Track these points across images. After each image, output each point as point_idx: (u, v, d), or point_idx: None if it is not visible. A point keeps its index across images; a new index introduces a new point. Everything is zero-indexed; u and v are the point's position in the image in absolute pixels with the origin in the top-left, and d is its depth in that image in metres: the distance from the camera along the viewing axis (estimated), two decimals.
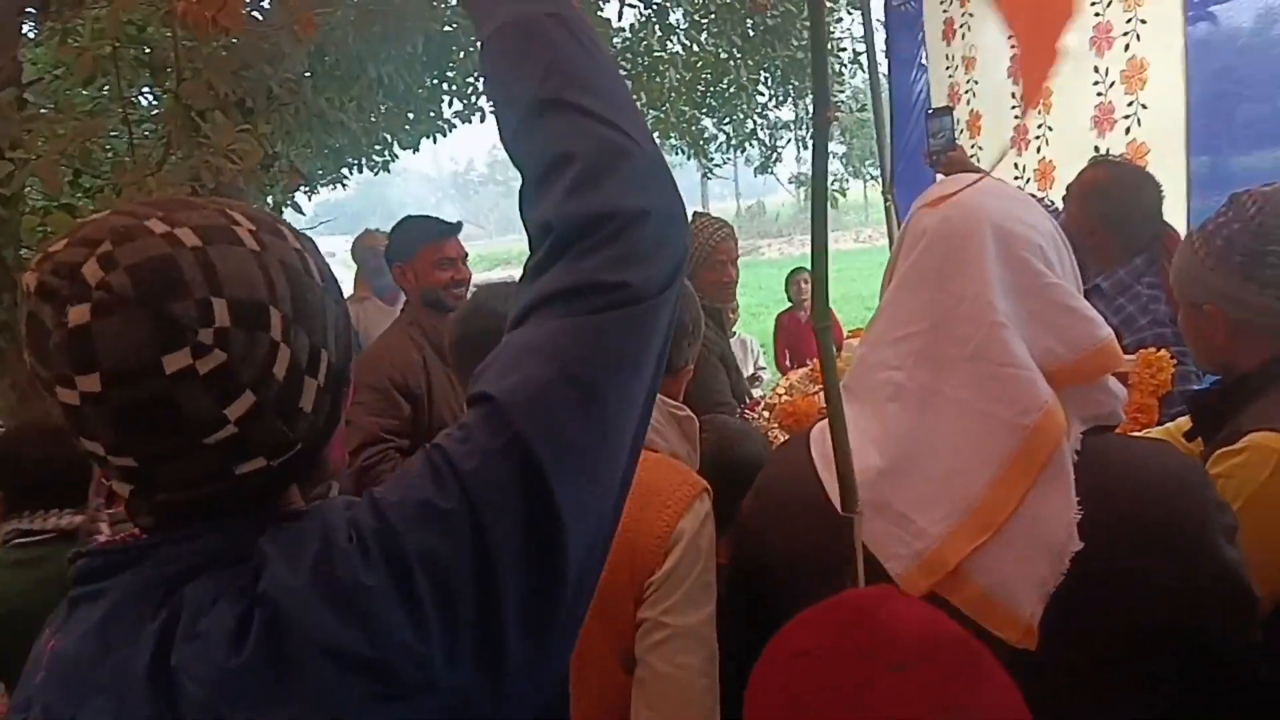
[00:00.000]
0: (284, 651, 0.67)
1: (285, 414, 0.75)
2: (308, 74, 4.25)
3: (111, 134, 4.21)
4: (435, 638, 0.69)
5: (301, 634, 0.67)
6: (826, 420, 1.18)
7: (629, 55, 7.55)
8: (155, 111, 4.16)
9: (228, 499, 0.75)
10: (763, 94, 8.46)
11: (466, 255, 2.98)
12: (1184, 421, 1.60)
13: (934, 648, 0.71)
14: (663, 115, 8.15)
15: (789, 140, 9.69)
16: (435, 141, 8.47)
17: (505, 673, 0.71)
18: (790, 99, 8.54)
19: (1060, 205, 2.85)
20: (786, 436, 2.23)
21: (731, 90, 8.33)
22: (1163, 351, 2.16)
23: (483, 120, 8.47)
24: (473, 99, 7.67)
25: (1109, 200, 2.54)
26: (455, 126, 8.45)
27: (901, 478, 1.08)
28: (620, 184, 0.76)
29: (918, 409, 1.08)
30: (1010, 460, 1.02)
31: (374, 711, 0.68)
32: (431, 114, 7.93)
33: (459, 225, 2.98)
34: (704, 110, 8.66)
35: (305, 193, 8.23)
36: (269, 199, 4.21)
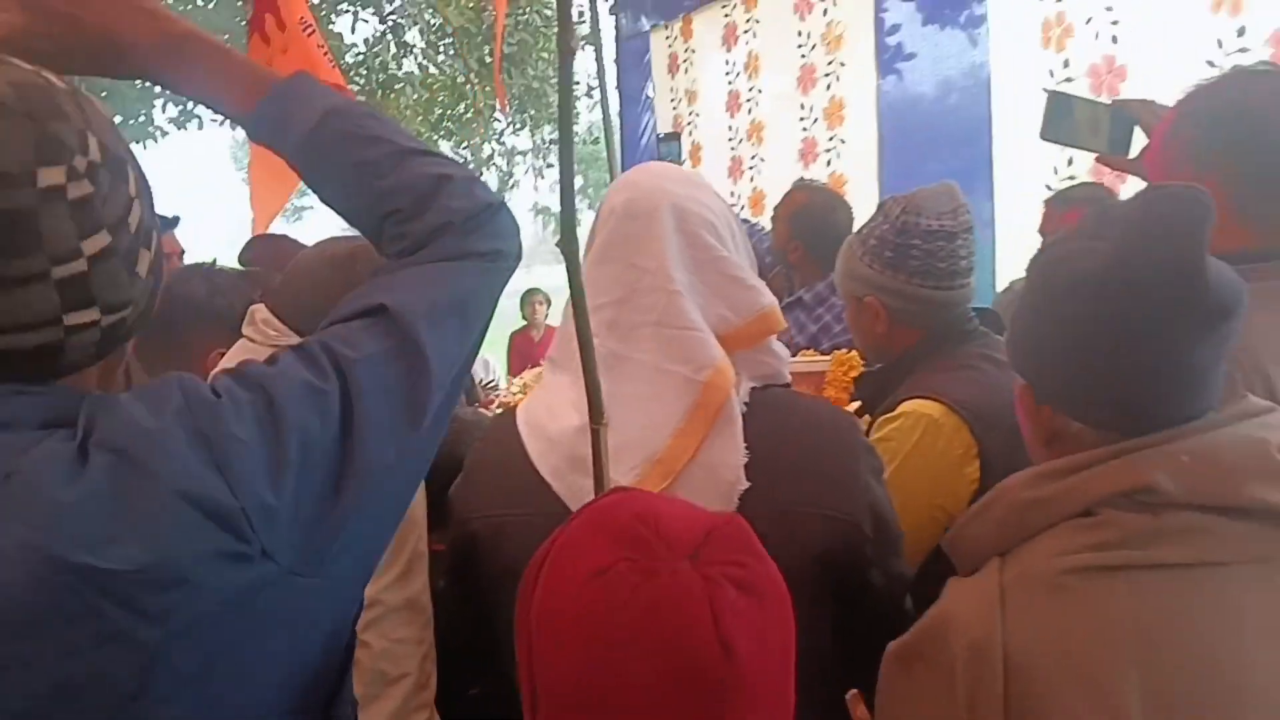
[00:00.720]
0: (131, 490, 0.67)
1: (129, 269, 0.75)
2: None
3: None
4: (288, 502, 0.72)
5: (155, 475, 0.68)
6: (531, 394, 1.27)
7: (363, 72, 7.37)
8: None
9: (45, 358, 0.73)
10: (500, 120, 8.53)
11: (183, 253, 2.88)
12: (856, 406, 1.78)
13: (713, 532, 0.74)
14: None
15: (526, 169, 9.82)
16: (146, 148, 7.86)
17: (333, 557, 0.75)
18: (527, 127, 8.67)
19: (768, 229, 3.08)
20: None
21: (469, 115, 8.35)
22: (853, 353, 2.37)
23: (200, 128, 7.93)
24: (188, 105, 7.19)
25: (807, 220, 2.78)
26: (169, 134, 7.88)
27: None
28: (482, 188, 0.95)
29: (610, 372, 1.13)
30: (688, 413, 1.13)
31: (216, 569, 0.68)
32: (141, 118, 7.35)
33: (175, 220, 2.80)
34: (440, 134, 8.60)
35: None
36: None
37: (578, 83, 8.59)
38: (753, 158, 4.54)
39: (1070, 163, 3.03)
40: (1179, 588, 0.85)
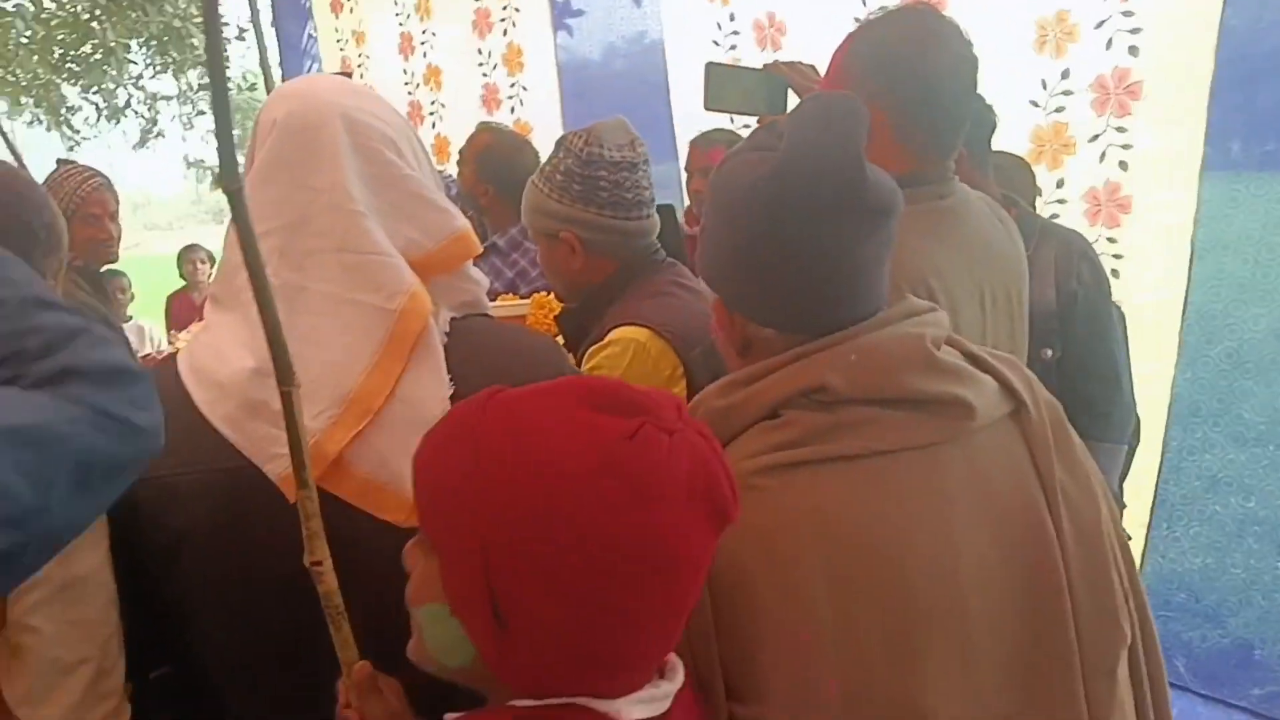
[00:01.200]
0: None
1: None
2: None
3: None
4: None
5: None
6: (193, 338, 1.14)
7: None
8: None
9: None
10: (135, 63, 7.64)
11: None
12: (559, 343, 1.81)
13: (668, 397, 0.77)
14: (12, 77, 6.94)
15: (173, 117, 8.89)
16: None
17: None
18: (171, 70, 7.85)
19: (455, 175, 3.03)
20: None
21: (98, 56, 7.39)
22: (551, 295, 2.41)
23: None
24: None
25: (495, 162, 2.76)
26: None
27: (273, 378, 1.01)
28: (124, 352, 0.88)
29: (287, 306, 1.01)
30: (382, 346, 1.04)
31: None
32: None
33: None
34: (64, 76, 7.55)
35: None
36: None
37: (227, 24, 7.88)
38: (433, 103, 4.43)
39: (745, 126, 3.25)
40: (853, 477, 0.94)
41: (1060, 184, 2.77)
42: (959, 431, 0.98)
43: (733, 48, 3.27)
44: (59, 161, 2.83)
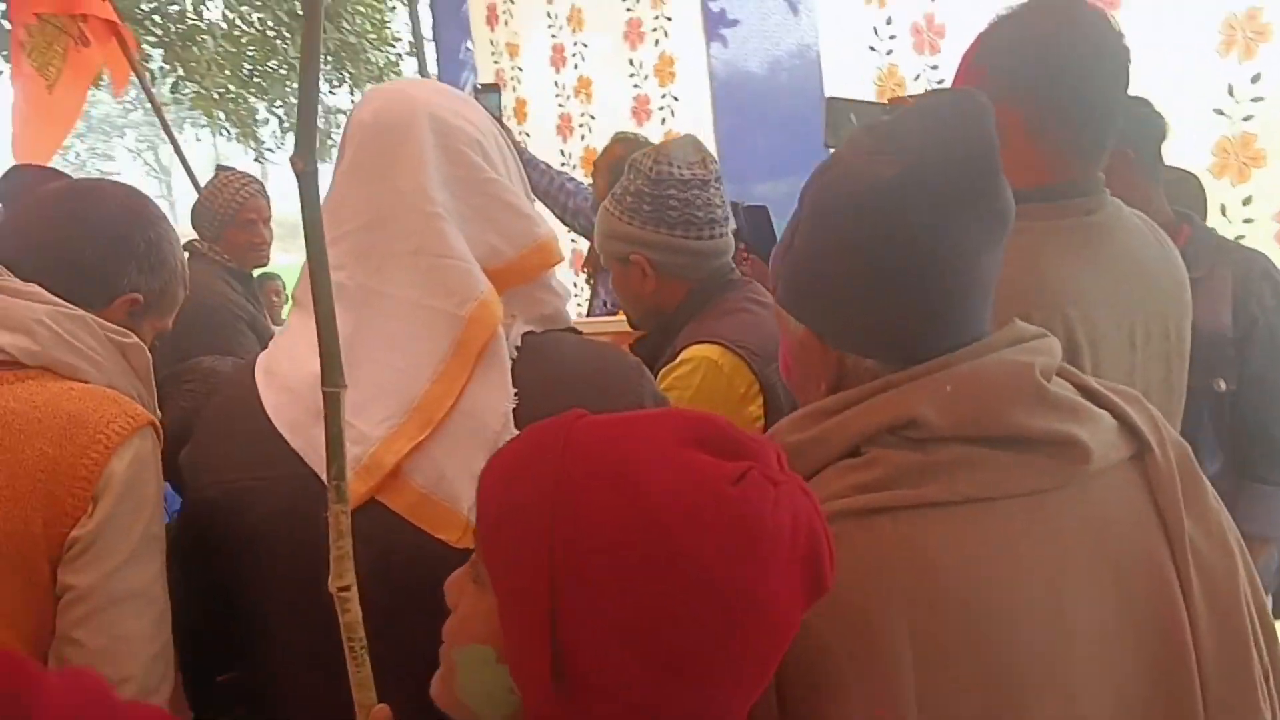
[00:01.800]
0: None
1: None
2: None
3: None
4: None
5: None
6: (273, 340, 1.14)
7: (157, 19, 6.82)
8: None
9: None
10: None
11: None
12: None
13: (770, 444, 0.70)
14: (203, 90, 7.49)
15: None
16: None
17: None
18: (348, 84, 8.28)
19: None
20: None
21: (282, 71, 7.88)
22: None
23: None
24: None
25: None
26: None
27: None
28: None
29: (359, 309, 1.02)
30: (449, 354, 1.01)
31: None
32: None
33: None
34: (252, 90, 8.09)
35: None
36: None
37: (398, 38, 8.26)
38: (582, 115, 4.45)
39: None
40: (946, 527, 0.83)
41: (1247, 201, 2.49)
42: (1071, 476, 0.86)
43: (889, 52, 3.12)
44: (218, 168, 3.00)
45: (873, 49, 3.15)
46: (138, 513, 1.07)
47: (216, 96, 7.61)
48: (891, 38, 3.05)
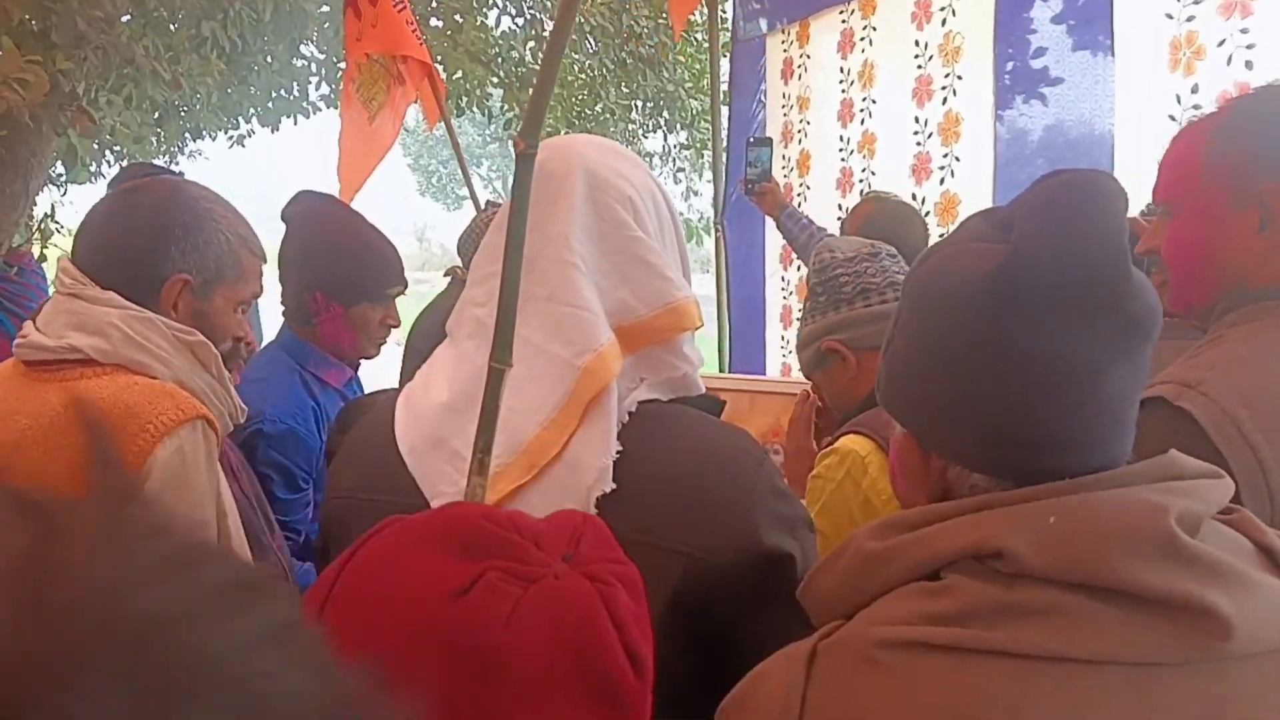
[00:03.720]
0: None
1: None
2: (125, 17, 4.02)
3: None
4: None
5: None
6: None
7: (500, 62, 7.50)
8: None
9: None
10: (634, 122, 8.52)
11: None
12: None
13: (578, 529, 0.66)
14: None
15: (660, 172, 9.79)
16: (297, 123, 8.24)
17: None
18: (661, 130, 8.64)
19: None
20: None
21: (605, 116, 8.37)
22: None
23: None
24: (338, 85, 7.48)
25: (876, 232, 2.61)
26: (321, 110, 8.22)
27: (462, 415, 1.05)
28: None
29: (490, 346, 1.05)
30: (561, 403, 1.01)
31: None
32: (294, 94, 7.69)
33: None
34: (577, 132, 8.67)
35: (164, 157, 7.87)
36: (65, 138, 3.95)
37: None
38: (863, 170, 4.34)
39: None
40: (1020, 684, 0.68)
41: None
42: (1203, 652, 0.68)
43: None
44: (487, 203, 3.22)
45: (1173, 119, 2.80)
46: (181, 499, 1.17)
47: (544, 135, 8.22)
48: (1195, 108, 2.69)
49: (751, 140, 3.46)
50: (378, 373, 2.34)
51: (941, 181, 3.88)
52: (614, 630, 0.58)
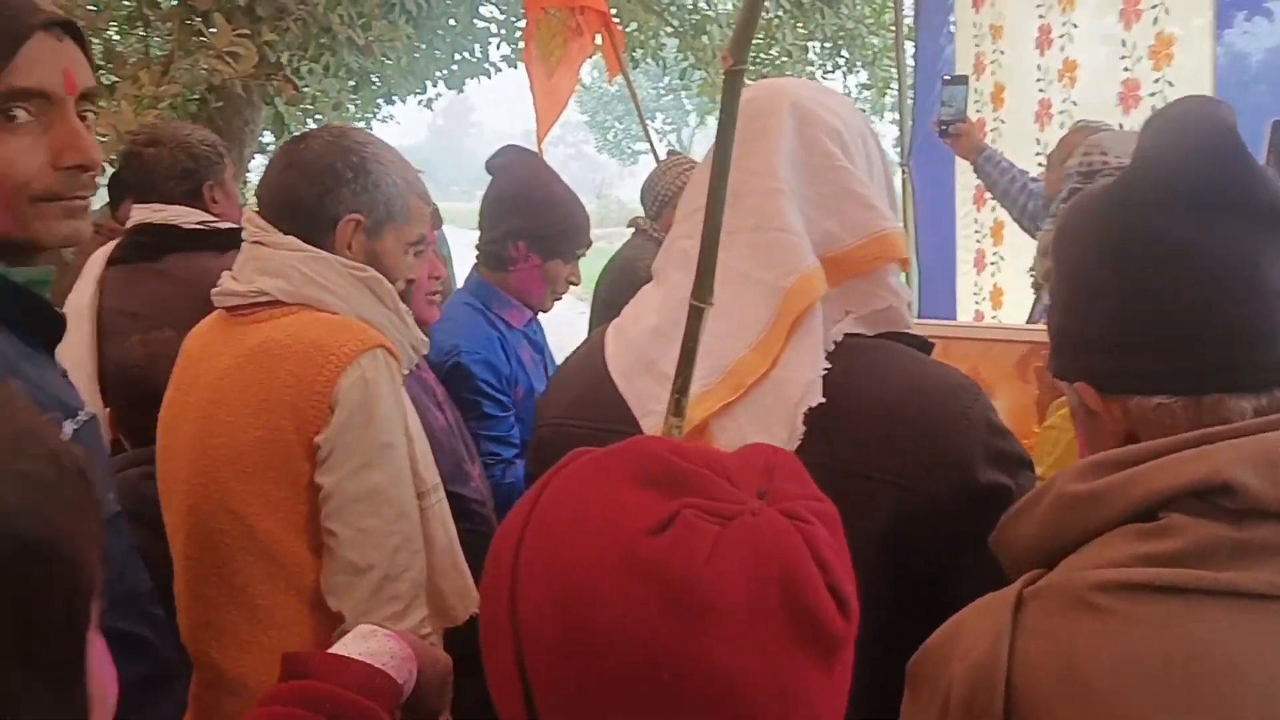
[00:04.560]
0: None
1: None
2: None
3: (131, 31, 4.25)
4: None
5: None
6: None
7: (673, 10, 7.45)
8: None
9: None
10: (812, 63, 8.28)
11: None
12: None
13: (771, 461, 0.65)
14: (708, 76, 8.05)
15: None
16: (480, 83, 8.50)
17: None
18: (840, 70, 8.37)
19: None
20: None
21: (782, 59, 8.18)
22: None
23: None
24: (518, 44, 7.64)
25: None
26: (502, 70, 8.43)
27: (670, 339, 1.06)
28: None
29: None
30: (768, 324, 1.02)
31: None
32: (476, 55, 7.92)
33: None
34: (752, 76, 8.51)
35: (361, 121, 8.33)
36: (273, 107, 4.23)
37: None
38: (1063, 101, 4.05)
39: None
40: (1251, 625, 0.64)
41: None
42: None
43: None
44: (670, 152, 3.22)
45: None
46: (368, 423, 1.25)
47: (718, 83, 8.13)
48: None
49: (946, 78, 3.29)
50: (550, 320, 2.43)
51: (1152, 109, 3.56)
52: (817, 569, 0.56)
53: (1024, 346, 2.19)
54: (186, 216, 2.17)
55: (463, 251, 3.11)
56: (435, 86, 8.43)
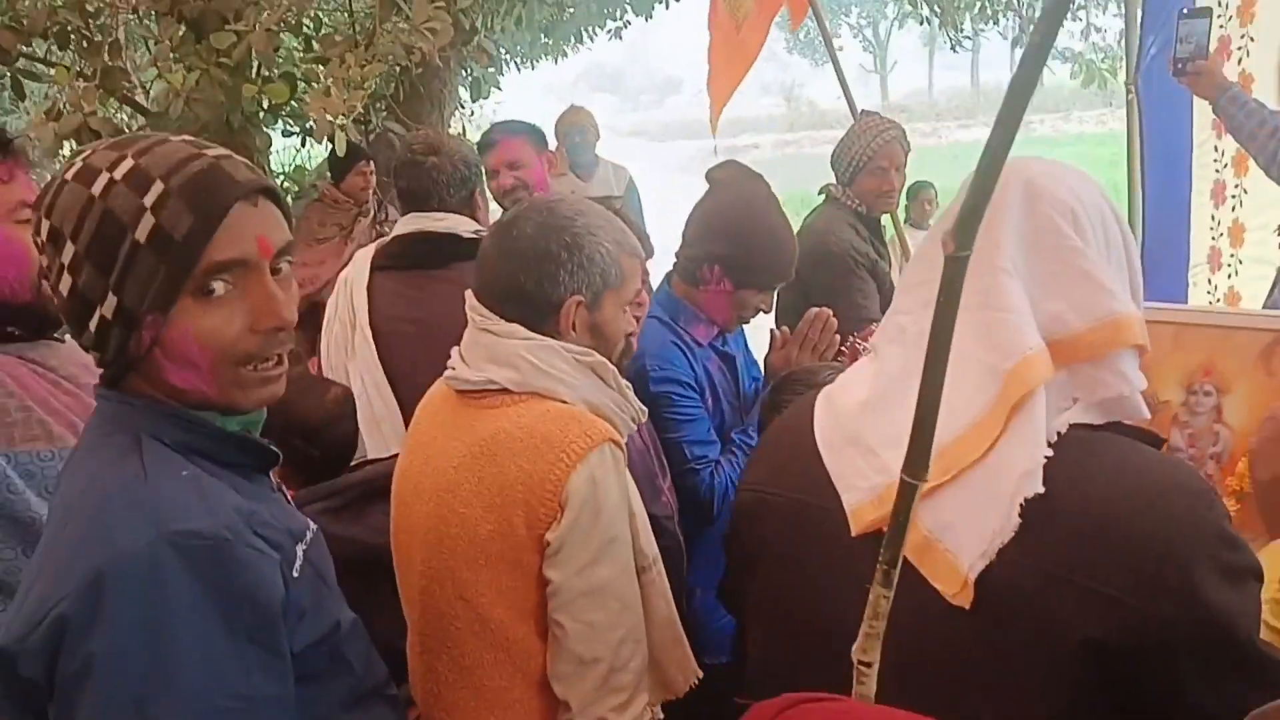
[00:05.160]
0: None
1: (76, 325, 0.96)
2: None
3: (333, 10, 4.43)
4: None
5: None
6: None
7: None
8: None
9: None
10: None
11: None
12: None
13: None
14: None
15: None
16: (668, 8, 8.35)
17: None
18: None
19: None
20: None
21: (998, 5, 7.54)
22: None
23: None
24: None
25: None
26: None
27: (879, 413, 1.06)
28: None
29: (913, 351, 1.03)
30: (986, 409, 0.99)
31: None
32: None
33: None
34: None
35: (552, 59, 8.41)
36: (470, 74, 4.31)
37: None
38: None
39: None
40: None
41: None
42: None
43: None
44: (862, 112, 3.05)
45: None
46: (596, 521, 1.27)
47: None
48: None
49: (1184, 12, 2.93)
50: None
51: (1239, 62, 3.08)
52: None
53: (1269, 335, 1.97)
54: (464, 225, 2.21)
55: (649, 170, 3.08)
56: (623, 16, 8.37)
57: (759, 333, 2.26)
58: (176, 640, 0.84)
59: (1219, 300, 3.64)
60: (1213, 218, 3.91)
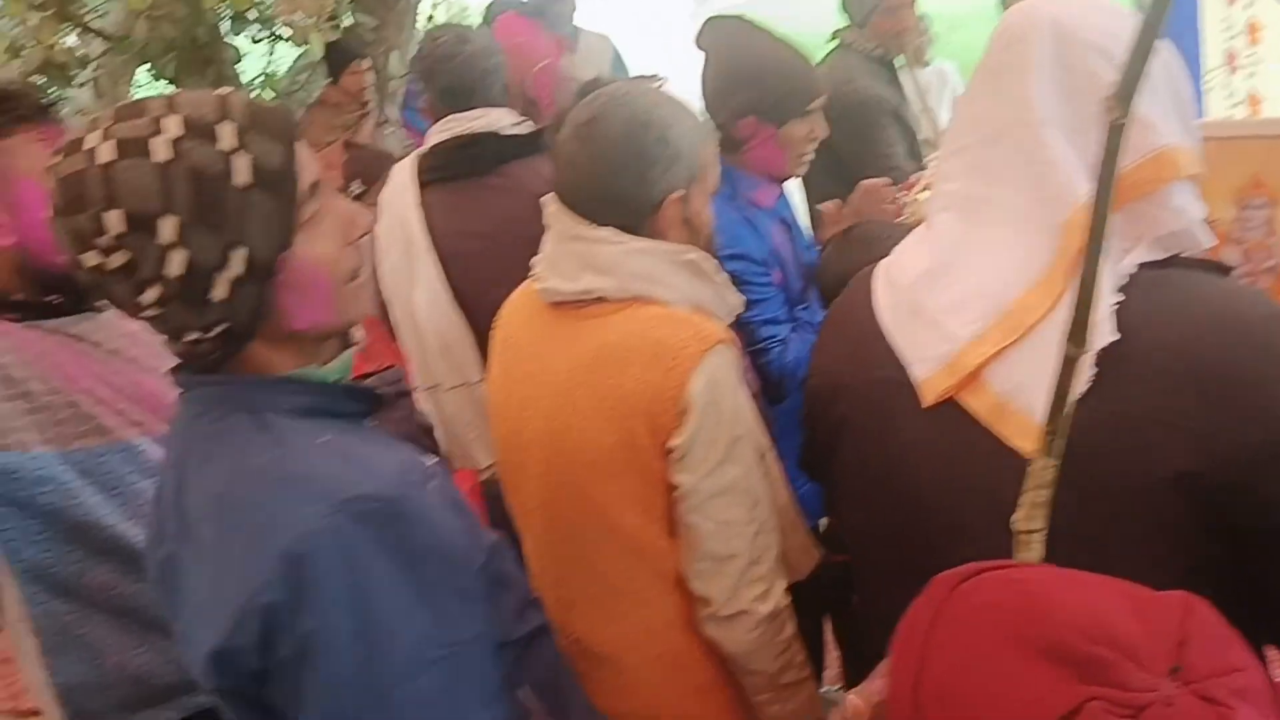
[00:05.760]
0: None
1: (192, 302, 0.89)
2: None
3: None
4: None
5: None
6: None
7: None
8: None
9: (197, 355, 0.94)
10: None
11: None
12: None
13: (1184, 625, 0.61)
14: None
15: None
16: None
17: None
18: None
19: None
20: None
21: None
22: None
23: None
24: None
25: None
26: None
27: (940, 282, 1.05)
28: None
29: (967, 215, 1.05)
30: (1048, 264, 0.97)
31: None
32: None
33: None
34: None
35: None
36: None
37: None
38: None
39: None
40: None
41: None
42: None
43: None
44: None
45: None
46: (719, 423, 1.26)
47: None
48: None
49: None
50: None
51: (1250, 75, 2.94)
52: None
53: None
54: (502, 119, 2.06)
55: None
56: None
57: None
58: (380, 603, 0.86)
59: (1239, 105, 3.54)
60: (1226, 85, 3.75)
